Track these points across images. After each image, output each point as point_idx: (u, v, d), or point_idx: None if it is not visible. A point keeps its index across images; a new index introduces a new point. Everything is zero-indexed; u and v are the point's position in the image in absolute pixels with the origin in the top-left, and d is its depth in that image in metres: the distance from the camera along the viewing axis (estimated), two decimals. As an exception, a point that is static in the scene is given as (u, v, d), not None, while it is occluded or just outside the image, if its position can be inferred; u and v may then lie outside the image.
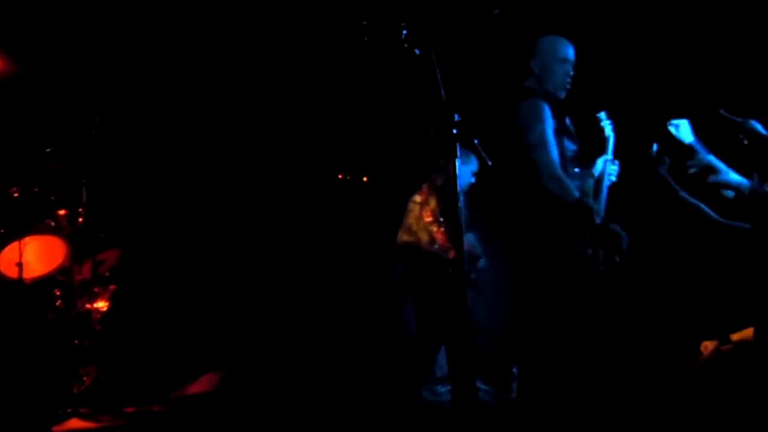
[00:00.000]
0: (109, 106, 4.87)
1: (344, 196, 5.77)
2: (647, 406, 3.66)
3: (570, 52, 3.58)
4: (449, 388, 5.02)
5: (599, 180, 3.55)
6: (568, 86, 3.59)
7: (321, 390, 4.66)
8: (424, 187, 4.39)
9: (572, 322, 3.34)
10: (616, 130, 3.66)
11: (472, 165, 4.78)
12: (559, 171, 3.30)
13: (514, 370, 4.59)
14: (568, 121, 3.58)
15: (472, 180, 4.68)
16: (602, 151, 3.63)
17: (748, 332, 3.55)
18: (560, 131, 3.44)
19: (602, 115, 3.69)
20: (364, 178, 5.81)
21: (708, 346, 3.73)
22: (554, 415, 3.31)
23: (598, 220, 3.35)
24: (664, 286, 4.75)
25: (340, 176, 5.84)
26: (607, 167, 3.57)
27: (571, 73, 3.58)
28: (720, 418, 3.23)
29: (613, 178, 3.59)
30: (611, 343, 3.79)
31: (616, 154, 3.64)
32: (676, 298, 4.65)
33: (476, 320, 4.48)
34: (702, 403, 3.39)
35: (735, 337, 3.63)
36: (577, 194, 3.28)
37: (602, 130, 3.66)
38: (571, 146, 3.51)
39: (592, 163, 3.61)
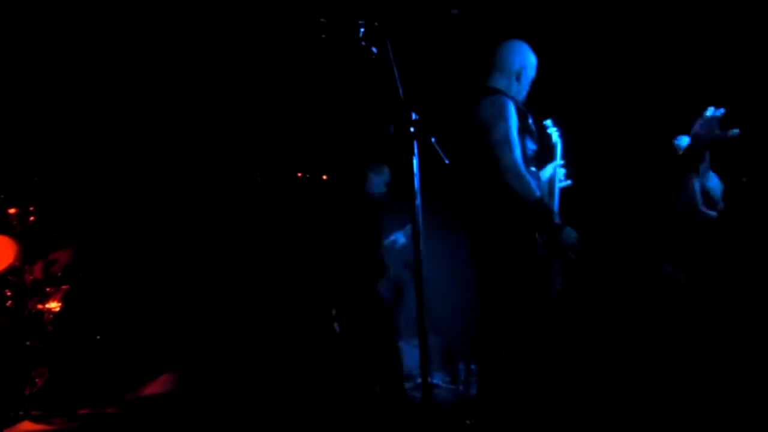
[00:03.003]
0: (62, 104, 4.78)
1: (303, 195, 5.75)
2: (605, 402, 3.73)
3: (531, 54, 3.63)
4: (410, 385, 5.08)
5: (550, 184, 3.67)
6: (530, 86, 3.64)
7: (279, 389, 4.64)
8: None
9: (533, 320, 3.36)
10: (562, 136, 3.79)
11: (385, 176, 4.99)
12: (523, 169, 3.29)
13: (473, 366, 4.63)
14: (530, 120, 3.61)
15: (384, 190, 4.88)
16: (551, 157, 3.75)
17: None
18: (523, 130, 3.44)
19: (549, 122, 3.80)
20: (324, 177, 5.80)
21: None
22: (514, 412, 3.33)
23: (557, 220, 3.38)
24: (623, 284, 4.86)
25: (299, 174, 5.82)
26: (557, 172, 3.69)
27: (532, 75, 3.63)
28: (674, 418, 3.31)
29: (563, 183, 3.72)
30: (571, 341, 3.86)
31: (565, 159, 3.76)
32: (632, 296, 4.75)
33: (435, 317, 4.52)
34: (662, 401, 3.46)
35: None
36: (539, 193, 3.29)
37: (549, 137, 3.78)
38: (532, 146, 3.51)
39: (542, 167, 3.70)
